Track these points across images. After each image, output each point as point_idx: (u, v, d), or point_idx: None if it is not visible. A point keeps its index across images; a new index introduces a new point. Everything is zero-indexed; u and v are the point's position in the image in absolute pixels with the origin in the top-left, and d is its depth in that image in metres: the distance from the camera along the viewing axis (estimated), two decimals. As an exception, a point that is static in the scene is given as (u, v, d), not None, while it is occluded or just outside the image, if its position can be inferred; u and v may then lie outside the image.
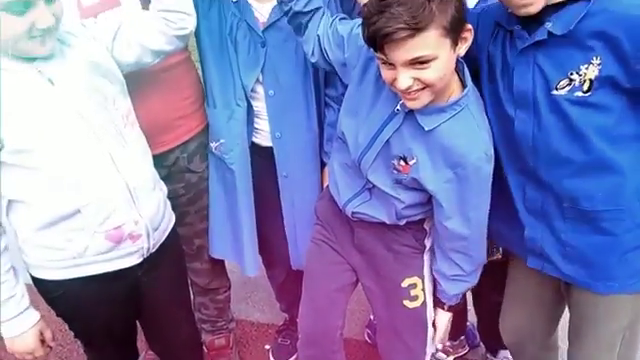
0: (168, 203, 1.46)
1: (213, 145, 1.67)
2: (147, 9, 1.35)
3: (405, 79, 1.06)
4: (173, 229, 1.47)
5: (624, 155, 1.11)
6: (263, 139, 1.65)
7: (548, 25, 1.06)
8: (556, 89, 1.09)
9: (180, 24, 1.31)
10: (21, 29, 1.06)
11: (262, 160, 1.65)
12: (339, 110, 1.46)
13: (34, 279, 1.31)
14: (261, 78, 1.55)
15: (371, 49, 1.10)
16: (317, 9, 1.34)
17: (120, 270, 1.30)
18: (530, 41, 1.09)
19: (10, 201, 1.20)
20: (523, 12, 1.06)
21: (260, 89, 1.57)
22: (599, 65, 1.03)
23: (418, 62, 1.05)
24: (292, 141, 1.61)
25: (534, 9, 1.04)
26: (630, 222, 1.15)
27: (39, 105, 1.13)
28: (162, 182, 1.45)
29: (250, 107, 1.60)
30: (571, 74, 1.06)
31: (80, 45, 1.23)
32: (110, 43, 1.29)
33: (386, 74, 1.11)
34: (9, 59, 1.11)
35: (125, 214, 1.25)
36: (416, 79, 1.07)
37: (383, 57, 1.07)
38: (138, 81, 1.39)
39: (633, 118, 1.08)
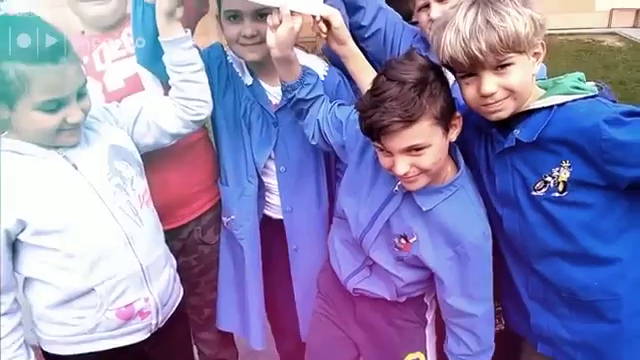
0: (177, 278, 1.50)
1: (225, 220, 1.72)
2: (167, 93, 1.45)
3: (402, 166, 1.14)
4: (180, 302, 1.51)
5: (614, 247, 1.15)
6: (274, 212, 1.71)
7: (516, 133, 1.15)
8: (534, 190, 1.16)
9: (197, 110, 1.40)
10: (52, 125, 1.15)
11: (273, 232, 1.70)
12: None
13: (46, 354, 1.34)
14: (273, 155, 1.62)
15: (367, 137, 1.18)
16: (318, 96, 1.44)
17: (128, 345, 1.34)
18: (503, 146, 1.18)
19: (27, 278, 1.26)
20: (494, 117, 1.15)
21: (272, 165, 1.64)
22: (569, 167, 1.10)
23: (414, 149, 1.13)
24: (302, 215, 1.66)
25: (504, 114, 1.14)
26: (629, 310, 1.17)
27: (62, 189, 1.21)
28: (172, 257, 1.50)
29: (261, 183, 1.66)
30: (545, 177, 1.14)
31: (103, 129, 1.33)
32: (131, 127, 1.39)
33: (384, 161, 1.19)
34: (36, 146, 1.20)
35: (136, 292, 1.30)
36: (413, 165, 1.15)
37: (380, 146, 1.15)
38: (156, 157, 1.47)
39: (616, 211, 1.13)
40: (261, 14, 1.36)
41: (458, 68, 1.13)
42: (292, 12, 1.26)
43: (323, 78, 1.53)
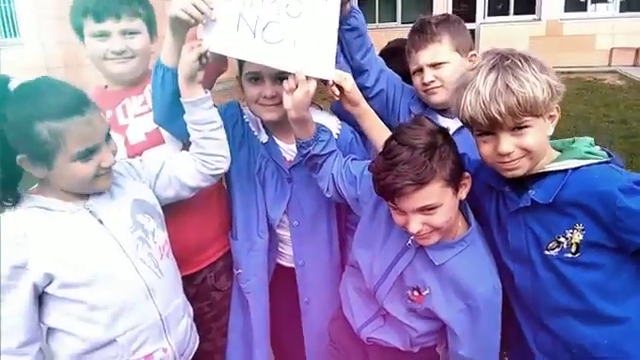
0: (194, 326, 1.54)
1: (235, 272, 1.77)
2: (187, 147, 1.52)
3: (416, 224, 1.20)
4: (196, 350, 1.54)
5: (623, 307, 1.19)
6: (287, 262, 1.75)
7: (531, 193, 1.20)
8: (547, 249, 1.21)
9: (216, 165, 1.47)
10: (89, 172, 1.23)
11: (286, 281, 1.73)
12: None
13: None
14: (286, 210, 1.67)
15: (382, 198, 1.24)
16: (332, 152, 1.51)
17: None
18: (518, 205, 1.23)
19: (50, 328, 1.29)
20: (510, 175, 1.20)
21: (285, 219, 1.69)
22: (583, 230, 1.15)
23: (426, 209, 1.18)
24: (314, 268, 1.70)
25: (520, 172, 1.19)
26: None
27: (89, 243, 1.26)
28: (189, 306, 1.54)
29: (273, 235, 1.70)
30: (558, 237, 1.19)
31: (126, 184, 1.40)
32: (153, 181, 1.46)
33: (398, 219, 1.25)
34: (63, 201, 1.27)
35: (156, 343, 1.34)
36: (425, 223, 1.20)
37: (394, 205, 1.21)
38: (173, 207, 1.53)
39: (625, 272, 1.18)
40: (280, 77, 1.44)
41: (477, 127, 1.19)
42: (307, 77, 1.35)
43: (336, 136, 1.61)
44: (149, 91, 1.60)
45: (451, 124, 1.52)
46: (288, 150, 1.65)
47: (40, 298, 1.24)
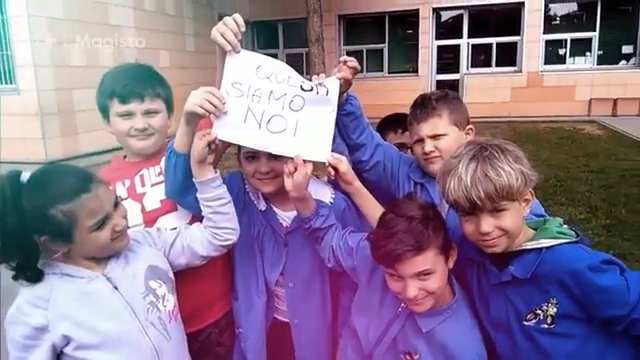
0: None
1: (237, 330, 1.87)
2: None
3: (413, 289, 1.33)
4: None
5: None
6: (284, 317, 1.86)
7: (511, 269, 1.35)
8: (525, 320, 1.35)
9: (226, 237, 1.59)
10: (106, 238, 1.36)
11: (283, 335, 1.83)
12: (351, 294, 1.71)
13: None
14: (282, 272, 1.79)
15: (382, 265, 1.37)
16: (331, 225, 1.66)
17: None
18: (499, 279, 1.38)
19: None
20: (490, 251, 1.35)
21: (281, 279, 1.81)
22: (557, 304, 1.29)
23: (422, 274, 1.32)
24: (308, 327, 1.81)
25: (499, 249, 1.34)
26: None
27: (103, 309, 1.38)
28: None
29: (269, 297, 1.82)
30: (535, 309, 1.33)
31: (142, 251, 1.52)
32: (168, 249, 1.58)
33: (394, 285, 1.38)
34: (84, 268, 1.39)
35: None
36: (421, 289, 1.33)
37: (393, 272, 1.35)
38: (184, 269, 1.64)
39: (594, 340, 1.31)
40: (274, 155, 1.60)
41: (460, 209, 1.34)
42: (304, 160, 1.51)
43: (330, 204, 1.76)
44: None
45: None
46: (285, 217, 1.78)
47: (58, 357, 1.34)
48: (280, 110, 1.52)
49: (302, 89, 1.56)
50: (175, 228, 1.66)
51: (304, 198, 1.58)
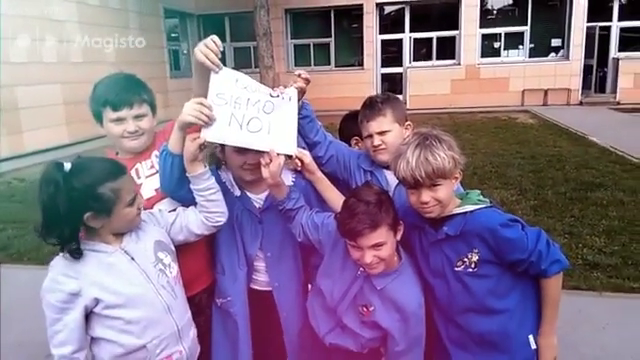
0: (196, 338, 1.94)
1: (219, 301, 2.16)
2: None
3: (369, 257, 1.69)
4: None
5: (505, 301, 1.74)
6: (260, 286, 2.17)
7: (445, 229, 1.74)
8: (456, 267, 1.75)
9: (216, 219, 1.90)
10: (134, 213, 1.68)
11: (260, 302, 2.14)
12: (319, 257, 2.05)
13: None
14: (260, 246, 2.11)
15: (345, 239, 1.73)
16: (301, 206, 2.00)
17: None
18: (436, 237, 1.77)
19: (94, 338, 1.67)
20: (428, 216, 1.74)
21: (260, 253, 2.12)
22: (478, 253, 1.70)
23: (376, 245, 1.67)
24: (287, 288, 2.14)
25: (434, 214, 1.73)
26: (516, 342, 1.76)
27: (124, 275, 1.67)
28: (193, 323, 1.92)
29: (249, 269, 2.13)
30: (463, 258, 1.73)
31: (149, 229, 1.81)
32: (169, 227, 1.88)
33: (355, 254, 1.73)
34: (105, 243, 1.67)
35: (174, 347, 1.76)
36: (375, 256, 1.69)
37: (354, 244, 1.70)
38: (181, 247, 1.92)
39: (506, 279, 1.73)
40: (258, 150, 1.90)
41: (406, 184, 1.72)
42: (277, 154, 1.84)
43: (292, 183, 2.08)
44: (155, 156, 2.00)
45: (392, 176, 1.98)
46: (257, 199, 2.10)
47: (87, 316, 1.62)
48: (256, 113, 1.84)
49: (271, 96, 1.88)
50: (175, 210, 1.95)
51: (278, 184, 1.91)
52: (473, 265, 1.72)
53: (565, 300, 1.84)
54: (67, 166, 1.58)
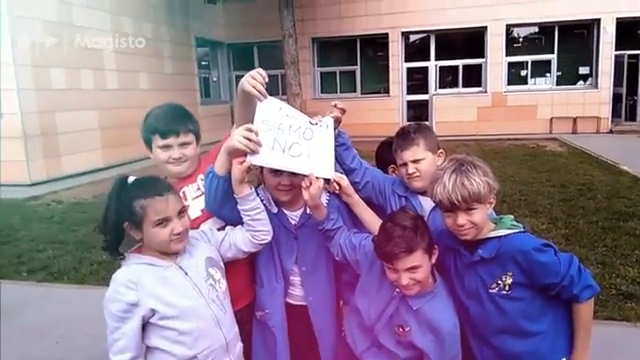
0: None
1: (258, 314, 2.26)
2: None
3: (405, 279, 1.76)
4: None
5: (538, 324, 1.78)
6: (296, 300, 2.26)
7: (479, 252, 1.81)
8: (491, 288, 1.80)
9: (262, 237, 2.01)
10: (165, 236, 1.75)
11: (295, 316, 2.23)
12: (350, 274, 2.15)
13: None
14: (296, 260, 2.21)
15: (382, 261, 1.81)
16: (340, 227, 2.09)
17: None
18: (471, 259, 1.83)
19: (149, 347, 1.77)
20: (463, 238, 1.81)
21: (295, 268, 2.23)
22: (512, 276, 1.76)
23: (412, 268, 1.75)
24: (321, 302, 2.22)
25: (470, 237, 1.80)
26: None
27: (178, 288, 1.78)
28: (240, 337, 2.01)
29: (285, 284, 2.23)
30: (497, 280, 1.79)
31: (201, 245, 1.93)
32: (219, 245, 2.00)
33: (391, 275, 1.80)
34: (160, 258, 1.79)
35: (222, 359, 1.84)
36: (411, 278, 1.76)
37: (390, 266, 1.77)
38: (228, 264, 2.04)
39: (538, 301, 1.78)
40: (293, 172, 2.01)
41: (443, 207, 1.79)
42: (316, 177, 1.95)
43: (326, 202, 2.17)
44: (201, 179, 2.12)
45: (427, 202, 2.10)
46: (292, 216, 2.21)
47: (143, 326, 1.72)
48: (297, 139, 1.96)
49: (310, 123, 2.01)
50: (224, 228, 2.07)
51: (318, 206, 2.02)
52: (507, 287, 1.77)
53: (599, 330, 1.88)
54: (130, 179, 1.77)
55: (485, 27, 15.98)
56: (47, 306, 4.37)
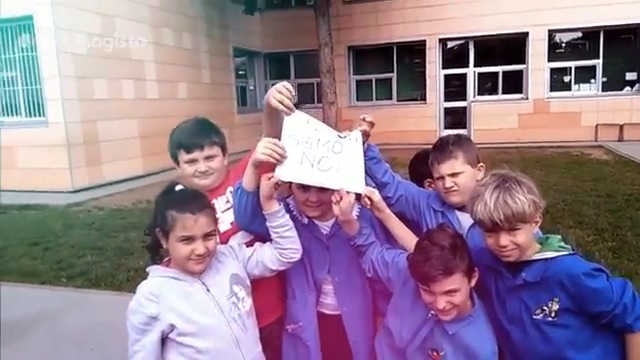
0: None
1: (290, 327, 2.19)
2: None
3: (442, 303, 1.65)
4: None
5: (586, 354, 1.64)
6: (329, 310, 2.19)
7: (523, 275, 1.68)
8: (535, 314, 1.67)
9: (290, 255, 1.95)
10: (184, 253, 1.71)
11: (328, 325, 2.15)
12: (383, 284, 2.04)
13: None
14: (329, 270, 2.14)
15: (417, 282, 1.70)
16: (372, 242, 2.01)
17: None
18: (514, 283, 1.70)
19: None
20: (505, 260, 1.69)
21: (328, 277, 2.16)
22: (558, 302, 1.63)
23: (450, 292, 1.63)
24: (355, 313, 2.15)
25: (513, 259, 1.67)
26: None
27: (199, 305, 1.74)
28: (264, 357, 1.96)
29: (318, 293, 2.16)
30: (542, 306, 1.66)
31: (227, 261, 1.89)
32: (246, 261, 1.95)
33: (427, 298, 1.69)
34: (184, 273, 1.75)
35: None
36: (448, 302, 1.65)
37: (426, 288, 1.67)
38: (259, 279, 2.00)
39: (587, 330, 1.64)
40: (322, 187, 1.95)
41: (484, 227, 1.68)
42: (347, 191, 1.88)
43: (357, 214, 2.10)
44: (230, 192, 2.10)
45: (465, 218, 2.00)
46: (324, 226, 2.14)
47: (163, 341, 1.70)
48: (326, 152, 1.90)
49: (339, 137, 1.95)
50: (250, 242, 2.03)
51: (349, 220, 1.94)
52: (553, 314, 1.64)
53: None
54: (177, 187, 1.79)
55: (526, 33, 15.58)
56: (84, 312, 4.44)
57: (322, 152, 1.90)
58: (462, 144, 2.13)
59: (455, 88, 16.93)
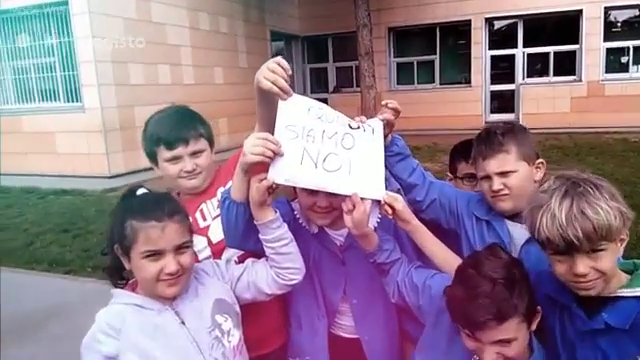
0: None
1: None
2: None
3: (490, 355, 1.26)
4: None
5: None
6: (346, 332, 1.83)
7: (604, 316, 1.25)
8: None
9: (290, 277, 1.57)
10: (152, 273, 1.36)
11: (345, 352, 1.80)
12: None
13: None
14: (344, 292, 1.77)
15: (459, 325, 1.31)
16: (397, 259, 1.61)
17: None
18: (590, 327, 1.27)
19: None
20: (584, 294, 1.25)
21: (344, 296, 1.78)
22: None
23: (502, 342, 1.24)
24: (378, 341, 1.78)
25: (594, 292, 1.25)
26: None
27: (169, 341, 1.40)
28: None
29: (329, 318, 1.80)
30: None
31: (211, 284, 1.53)
32: (234, 283, 1.59)
33: (470, 344, 1.30)
34: (152, 299, 1.41)
35: None
36: (499, 353, 1.26)
37: (470, 334, 1.28)
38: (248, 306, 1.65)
39: None
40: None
41: (552, 248, 1.25)
42: (362, 198, 1.49)
43: (377, 224, 1.73)
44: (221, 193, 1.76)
45: (518, 230, 1.60)
46: (337, 236, 1.76)
47: None
48: (334, 148, 1.51)
49: (350, 127, 1.55)
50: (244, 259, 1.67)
51: (365, 234, 1.55)
52: None
53: None
54: (139, 191, 1.45)
55: (580, 10, 14.51)
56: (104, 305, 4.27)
57: (328, 148, 1.50)
58: (515, 135, 1.67)
59: (502, 70, 16.03)
